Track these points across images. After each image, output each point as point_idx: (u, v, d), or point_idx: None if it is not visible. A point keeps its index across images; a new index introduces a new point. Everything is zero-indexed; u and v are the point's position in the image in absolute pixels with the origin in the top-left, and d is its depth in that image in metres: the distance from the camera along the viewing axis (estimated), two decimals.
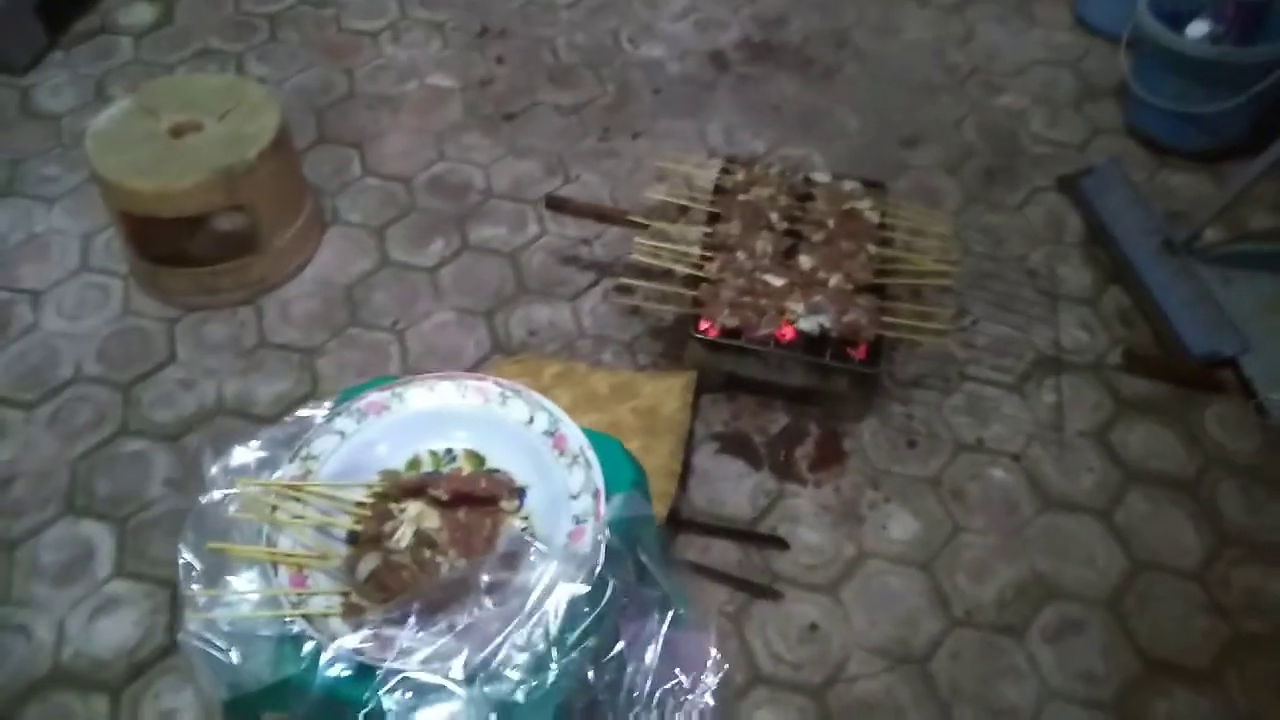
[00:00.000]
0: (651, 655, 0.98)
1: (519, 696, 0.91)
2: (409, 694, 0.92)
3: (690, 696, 0.99)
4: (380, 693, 0.91)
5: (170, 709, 1.42)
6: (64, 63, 2.48)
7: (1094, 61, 2.52)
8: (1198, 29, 2.15)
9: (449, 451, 1.14)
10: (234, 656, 0.97)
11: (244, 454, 1.11)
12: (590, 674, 0.95)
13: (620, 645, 0.97)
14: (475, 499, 1.07)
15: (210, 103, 1.88)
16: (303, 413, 1.17)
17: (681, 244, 1.84)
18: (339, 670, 0.94)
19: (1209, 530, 1.64)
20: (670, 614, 0.99)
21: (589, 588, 0.96)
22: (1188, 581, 1.58)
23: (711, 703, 0.99)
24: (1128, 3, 2.22)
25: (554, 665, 0.92)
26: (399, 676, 0.92)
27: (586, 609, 0.96)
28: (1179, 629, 1.53)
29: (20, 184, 2.19)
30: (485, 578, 0.95)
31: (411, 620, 0.94)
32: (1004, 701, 1.45)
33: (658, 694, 0.98)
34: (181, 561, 1.02)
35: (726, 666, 1.02)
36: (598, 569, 0.98)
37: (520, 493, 1.10)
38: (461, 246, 2.07)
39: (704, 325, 1.74)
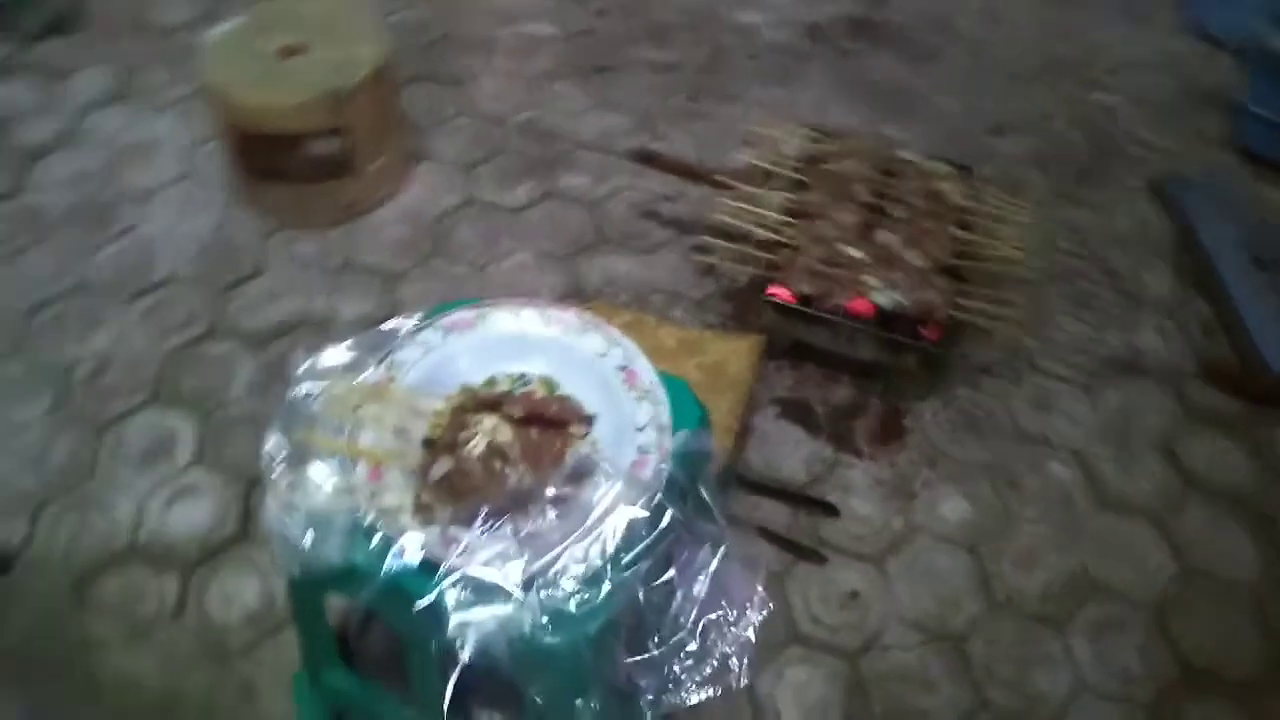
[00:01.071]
0: (700, 585, 1.02)
1: (571, 606, 0.95)
2: (467, 591, 0.96)
3: (733, 629, 1.02)
4: (440, 587, 0.96)
5: (234, 592, 1.49)
6: None
7: (1200, 68, 2.46)
8: None
9: (524, 375, 1.18)
10: (308, 539, 1.02)
11: (334, 355, 1.16)
12: (640, 595, 0.98)
13: (671, 572, 1.00)
14: (547, 420, 1.11)
15: (319, 27, 1.94)
16: (391, 324, 1.22)
17: (764, 208, 1.85)
18: (404, 563, 0.99)
19: (1267, 545, 1.62)
20: (722, 549, 1.02)
21: (647, 513, 0.99)
22: (1239, 595, 1.57)
23: (753, 638, 1.02)
24: (1244, 11, 2.17)
25: (607, 581, 0.96)
26: (459, 574, 0.96)
27: (643, 533, 0.99)
28: (1224, 640, 1.52)
29: (135, 91, 2.28)
30: (551, 491, 0.99)
31: (477, 523, 0.98)
32: (1036, 688, 1.46)
33: (702, 622, 1.01)
34: (267, 446, 1.07)
35: (771, 606, 1.04)
36: (657, 497, 1.01)
37: (589, 420, 1.13)
38: (547, 192, 2.11)
39: (777, 290, 1.75)
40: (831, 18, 2.55)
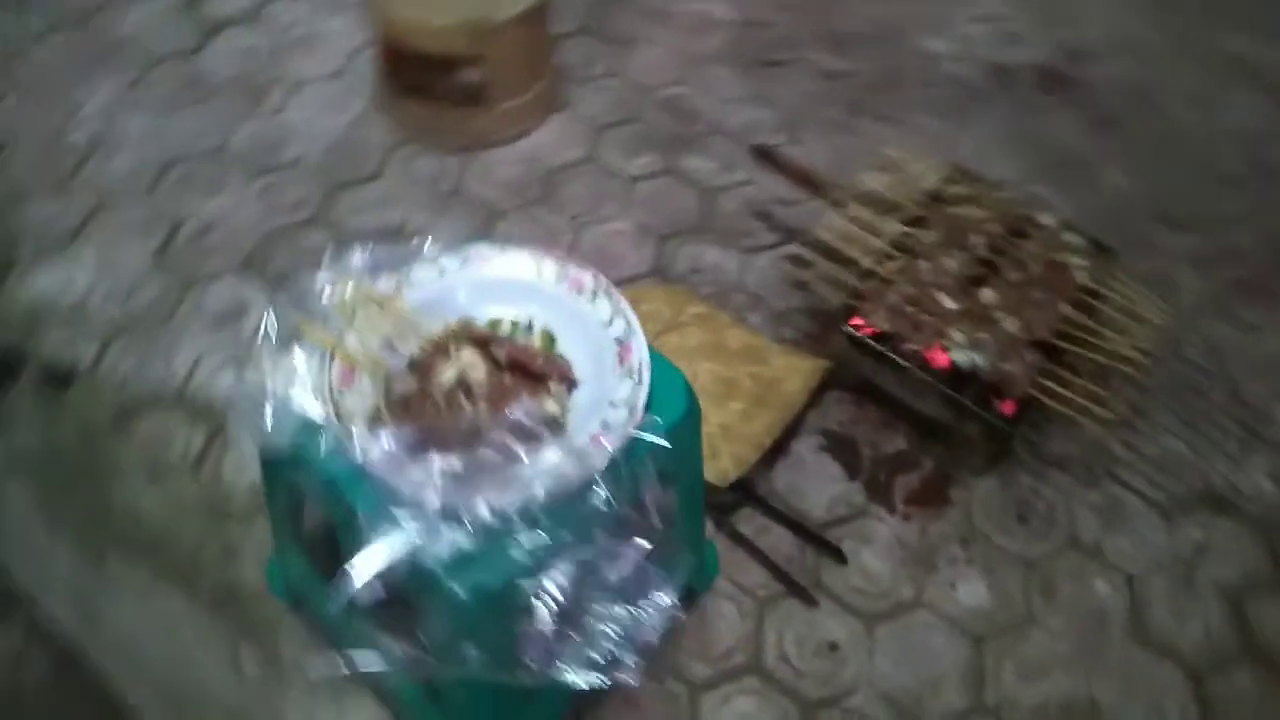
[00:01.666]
0: (616, 576, 0.98)
1: (472, 548, 0.94)
2: (389, 509, 0.97)
3: (637, 628, 0.98)
4: (366, 501, 0.97)
5: (249, 461, 1.54)
6: None
7: None
8: None
9: (529, 323, 1.17)
10: (268, 419, 1.05)
11: (359, 256, 1.18)
12: (547, 564, 0.96)
13: (586, 552, 0.97)
14: (528, 370, 1.10)
15: None
16: (425, 243, 1.24)
17: (872, 234, 1.77)
18: (342, 465, 1.00)
19: None
20: (646, 546, 0.98)
21: (575, 485, 0.97)
22: None
23: (654, 642, 0.98)
24: None
25: (518, 538, 0.95)
26: (383, 490, 0.97)
27: (574, 506, 0.97)
28: None
29: None
30: (494, 436, 0.98)
31: (414, 446, 0.98)
32: None
33: (608, 611, 0.98)
34: (265, 321, 1.10)
35: (683, 617, 1.00)
36: (594, 475, 0.98)
37: (572, 383, 1.12)
38: (668, 168, 2.09)
39: (857, 320, 1.67)
40: (1022, 62, 2.39)
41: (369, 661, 1.04)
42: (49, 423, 1.64)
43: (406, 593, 0.99)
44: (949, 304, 1.66)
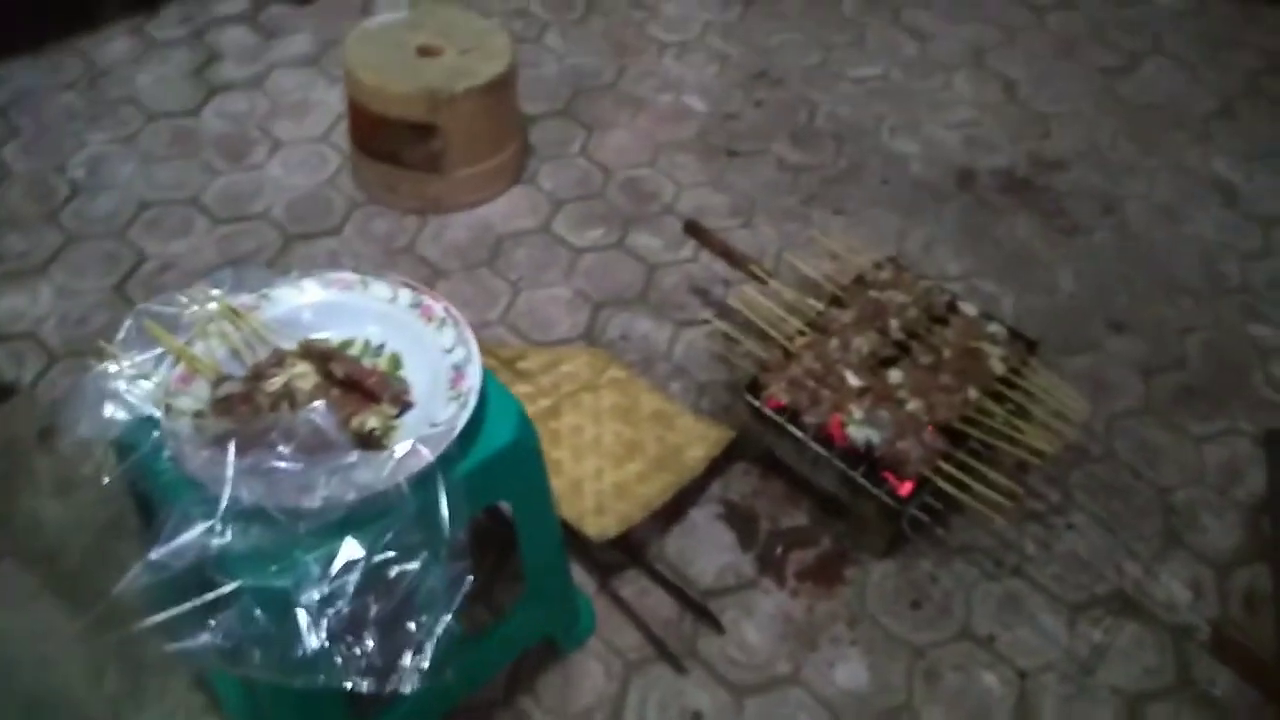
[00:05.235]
0: (401, 586, 0.99)
1: (264, 548, 0.97)
2: (191, 505, 1.00)
3: (415, 643, 0.98)
4: (170, 495, 1.01)
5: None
6: None
7: None
8: None
9: (381, 346, 1.21)
10: (105, 410, 1.10)
11: (229, 273, 1.25)
12: (335, 570, 0.97)
13: (378, 562, 0.98)
14: (362, 389, 1.13)
15: (461, 37, 2.11)
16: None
17: (788, 312, 1.79)
18: (160, 458, 1.04)
19: None
20: (424, 558, 0.99)
21: (378, 496, 0.99)
22: None
23: (425, 664, 0.97)
24: None
25: (310, 541, 0.97)
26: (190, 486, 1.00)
27: (366, 512, 0.99)
28: None
29: (324, 61, 2.57)
30: (279, 441, 1.01)
31: (223, 445, 1.01)
32: None
33: (384, 619, 0.98)
34: (127, 322, 1.16)
35: (463, 634, 0.99)
36: (399, 486, 1.00)
37: (405, 405, 1.15)
38: (616, 242, 2.15)
39: (760, 391, 1.68)
40: (991, 168, 2.43)
41: (171, 654, 1.05)
42: None
43: (200, 588, 1.01)
44: (853, 381, 1.66)
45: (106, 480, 1.26)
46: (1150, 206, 2.36)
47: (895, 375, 1.68)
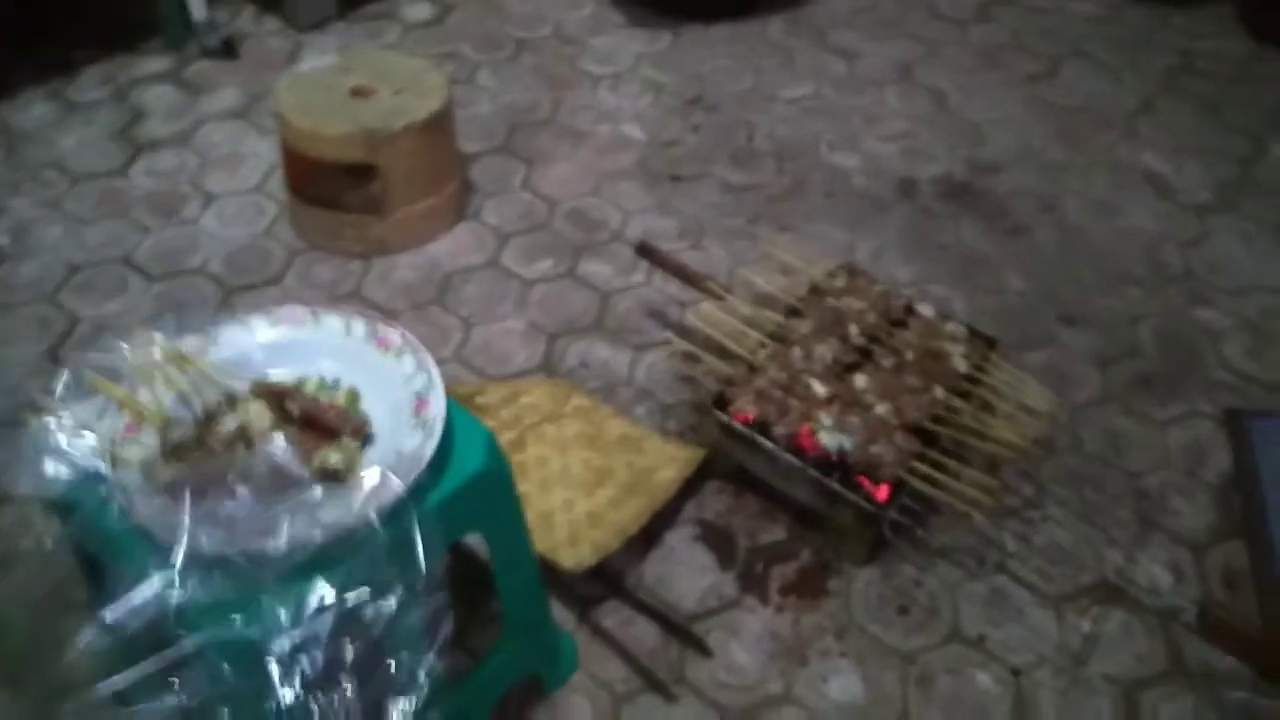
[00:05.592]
0: (373, 632, 0.93)
1: (226, 598, 0.91)
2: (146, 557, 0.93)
3: (397, 684, 0.92)
4: (122, 549, 0.94)
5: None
6: (342, 31, 2.83)
7: None
8: None
9: (337, 380, 1.16)
10: (46, 467, 1.03)
11: (171, 318, 1.19)
12: (306, 616, 0.92)
13: (351, 603, 0.93)
14: (321, 426, 1.08)
15: (394, 78, 2.08)
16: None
17: (748, 326, 1.77)
18: (111, 511, 0.98)
19: None
20: (421, 606, 0.94)
21: (346, 533, 0.94)
22: None
23: (411, 707, 0.92)
24: None
25: (276, 587, 0.91)
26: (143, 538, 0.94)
27: (336, 550, 0.93)
28: None
29: (253, 113, 2.52)
30: (237, 483, 0.95)
31: (178, 493, 0.96)
32: None
33: (366, 671, 0.92)
34: (64, 374, 1.10)
35: (442, 670, 0.94)
36: (366, 521, 0.95)
37: (366, 438, 1.09)
38: (566, 272, 2.12)
39: (727, 406, 1.65)
40: (931, 177, 2.45)
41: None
42: None
43: (160, 647, 0.94)
44: (819, 389, 1.64)
45: (50, 547, 1.21)
46: (1088, 203, 2.40)
47: (861, 380, 1.67)
